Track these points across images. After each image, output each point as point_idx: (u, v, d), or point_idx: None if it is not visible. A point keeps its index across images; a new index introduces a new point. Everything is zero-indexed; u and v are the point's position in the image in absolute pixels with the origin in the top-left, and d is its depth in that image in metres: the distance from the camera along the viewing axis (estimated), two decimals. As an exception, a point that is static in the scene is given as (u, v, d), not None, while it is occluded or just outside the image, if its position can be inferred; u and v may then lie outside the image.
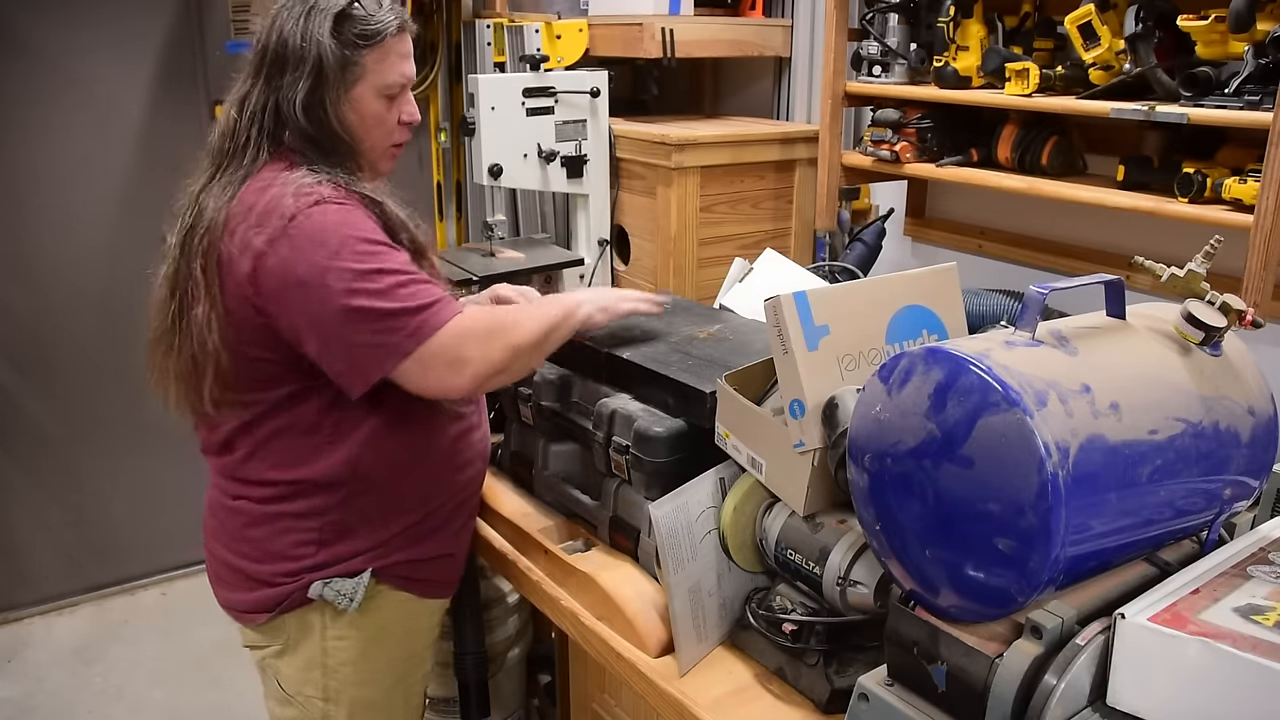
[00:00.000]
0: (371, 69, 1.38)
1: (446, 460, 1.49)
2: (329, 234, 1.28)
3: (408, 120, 1.46)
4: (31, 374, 2.97)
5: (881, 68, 2.13)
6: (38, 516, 3.05)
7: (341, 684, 1.46)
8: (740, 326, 1.62)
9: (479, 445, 1.56)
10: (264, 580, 1.42)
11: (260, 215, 1.29)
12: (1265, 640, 0.78)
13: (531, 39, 2.61)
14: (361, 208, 1.34)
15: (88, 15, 2.81)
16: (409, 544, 1.46)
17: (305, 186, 1.31)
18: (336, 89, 1.36)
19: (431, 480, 1.48)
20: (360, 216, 1.32)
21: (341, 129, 1.37)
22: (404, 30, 1.41)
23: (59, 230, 2.89)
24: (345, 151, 1.39)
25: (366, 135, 1.41)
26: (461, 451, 1.51)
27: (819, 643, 1.16)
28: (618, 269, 2.59)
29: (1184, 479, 0.93)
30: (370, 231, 1.32)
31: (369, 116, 1.40)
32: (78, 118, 2.85)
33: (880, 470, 0.95)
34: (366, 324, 1.27)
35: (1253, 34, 1.50)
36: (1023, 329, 0.93)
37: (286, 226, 1.27)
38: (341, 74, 1.35)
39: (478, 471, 1.57)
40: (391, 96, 1.41)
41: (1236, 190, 1.55)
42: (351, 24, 1.35)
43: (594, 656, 1.37)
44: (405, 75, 1.42)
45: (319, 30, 1.33)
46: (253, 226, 1.29)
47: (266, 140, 1.36)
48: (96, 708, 2.69)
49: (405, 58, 1.42)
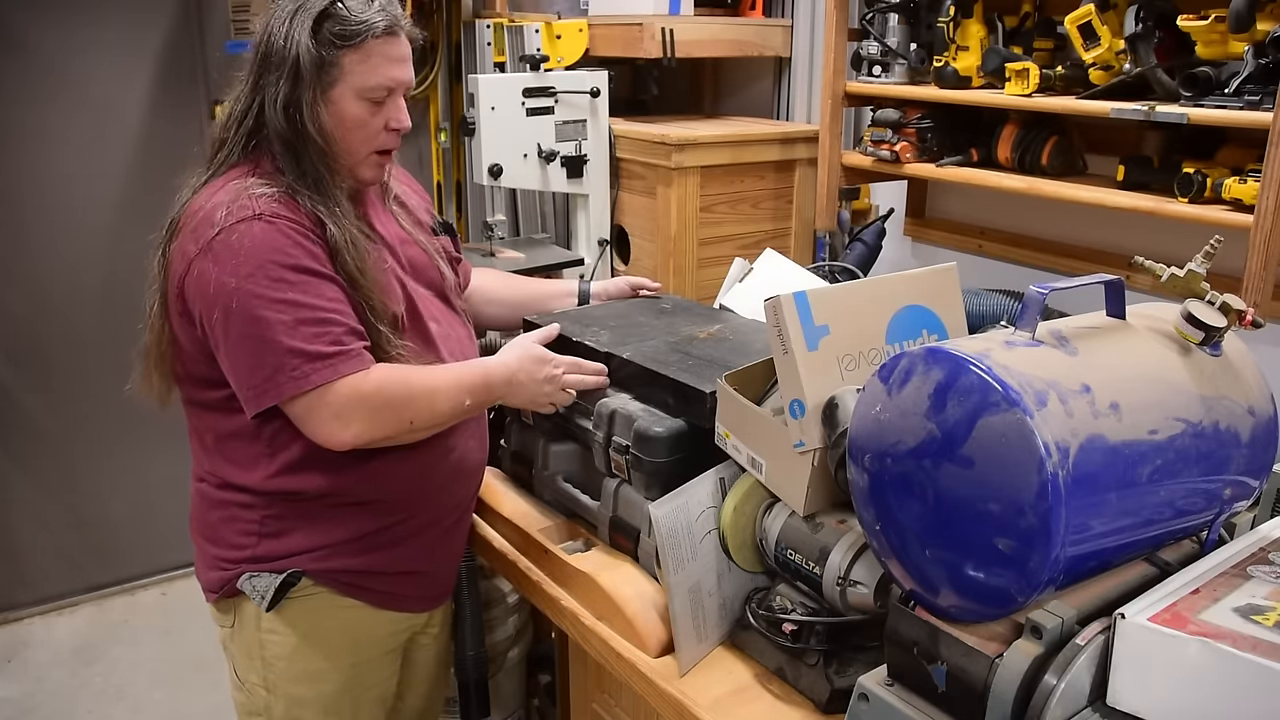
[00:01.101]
0: (351, 70, 1.32)
1: (409, 479, 1.43)
2: (249, 254, 1.25)
3: (395, 127, 1.39)
4: (31, 374, 2.97)
5: (881, 68, 2.13)
6: (37, 516, 3.05)
7: (278, 678, 1.45)
8: (740, 326, 1.62)
9: (459, 465, 1.49)
10: (213, 561, 1.43)
11: (199, 222, 1.28)
12: (1265, 640, 0.78)
13: (531, 39, 2.61)
14: (297, 229, 1.29)
15: (87, 15, 2.80)
16: (360, 553, 1.43)
17: (245, 197, 1.28)
18: (313, 90, 1.31)
19: (389, 496, 1.43)
20: (289, 239, 1.27)
21: (317, 132, 1.32)
22: (393, 33, 1.35)
23: (58, 229, 2.89)
24: (319, 156, 1.32)
25: (344, 139, 1.35)
26: (431, 474, 1.45)
27: (819, 643, 1.16)
28: (618, 269, 2.59)
29: (1184, 479, 0.93)
30: (295, 257, 1.27)
31: (348, 120, 1.34)
32: (77, 117, 2.85)
33: (880, 470, 0.95)
34: (260, 353, 1.26)
35: (1253, 34, 1.50)
36: (1023, 329, 0.93)
37: (213, 239, 1.26)
38: (318, 75, 1.31)
39: (456, 494, 1.52)
40: (377, 101, 1.35)
41: (1236, 190, 1.55)
42: (332, 23, 1.31)
43: (594, 656, 1.37)
44: (393, 79, 1.36)
45: (299, 30, 1.30)
46: (191, 232, 1.29)
47: (245, 141, 1.34)
48: (96, 708, 2.69)
49: (394, 61, 1.36)
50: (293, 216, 1.29)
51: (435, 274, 1.54)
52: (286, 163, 1.32)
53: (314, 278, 1.28)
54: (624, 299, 1.81)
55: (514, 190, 2.90)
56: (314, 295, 1.27)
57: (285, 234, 1.27)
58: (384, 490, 1.42)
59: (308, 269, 1.28)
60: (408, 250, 1.49)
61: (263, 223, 1.26)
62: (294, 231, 1.28)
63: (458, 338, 1.54)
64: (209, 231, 1.26)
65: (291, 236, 1.28)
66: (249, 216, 1.26)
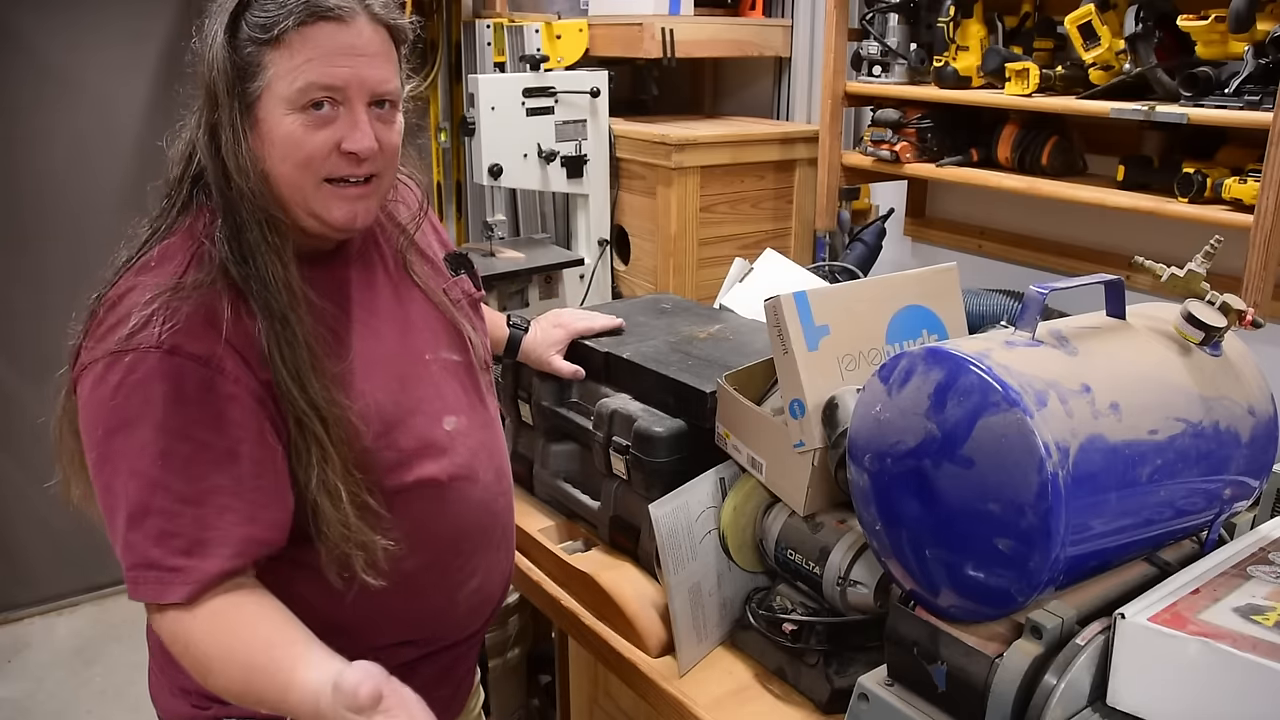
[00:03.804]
0: (278, 74, 0.96)
1: (417, 619, 1.14)
2: (124, 401, 0.94)
3: (350, 149, 0.99)
4: (31, 373, 2.97)
5: (881, 68, 2.13)
6: (38, 516, 3.05)
7: None
8: (740, 326, 1.62)
9: (480, 594, 1.20)
10: (176, 690, 1.13)
11: (106, 328, 0.97)
12: (1265, 640, 0.78)
13: (531, 39, 2.61)
14: (201, 369, 0.95)
15: (88, 15, 2.80)
16: None
17: (159, 308, 0.95)
18: (233, 108, 0.96)
19: (390, 640, 1.14)
20: (181, 390, 0.94)
21: (240, 167, 0.96)
22: (336, 16, 0.96)
23: (59, 229, 2.89)
24: (253, 199, 0.97)
25: (279, 170, 0.98)
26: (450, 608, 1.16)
27: (819, 643, 1.16)
28: (618, 269, 2.59)
29: (1184, 479, 0.93)
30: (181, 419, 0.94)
31: (279, 141, 0.97)
32: (77, 117, 2.85)
33: (880, 470, 0.95)
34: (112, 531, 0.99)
35: (1253, 34, 1.50)
36: (1023, 329, 0.93)
37: (94, 363, 0.96)
38: (239, 86, 0.96)
39: (472, 625, 1.22)
40: (317, 110, 0.97)
41: (1236, 190, 1.55)
42: (252, 12, 0.96)
43: (594, 656, 1.37)
44: (331, 78, 0.97)
45: (217, 27, 0.96)
46: (96, 332, 0.99)
47: (191, 188, 1.04)
48: (96, 708, 2.68)
49: (336, 54, 0.97)
50: (199, 352, 0.95)
51: (459, 341, 1.19)
52: (224, 215, 0.98)
53: (198, 451, 0.94)
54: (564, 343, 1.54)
55: (514, 190, 2.90)
56: (184, 478, 0.94)
57: (180, 381, 0.94)
58: (386, 634, 1.13)
59: (195, 439, 0.95)
60: (423, 316, 1.16)
61: (156, 358, 0.94)
62: (193, 377, 0.95)
63: (480, 443, 1.17)
64: (105, 345, 0.96)
65: (185, 388, 0.94)
66: (148, 346, 0.94)
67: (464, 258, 1.28)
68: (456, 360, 1.18)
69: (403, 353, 1.12)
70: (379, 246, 1.15)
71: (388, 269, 1.15)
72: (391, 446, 1.06)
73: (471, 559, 1.17)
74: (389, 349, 1.10)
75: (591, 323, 1.55)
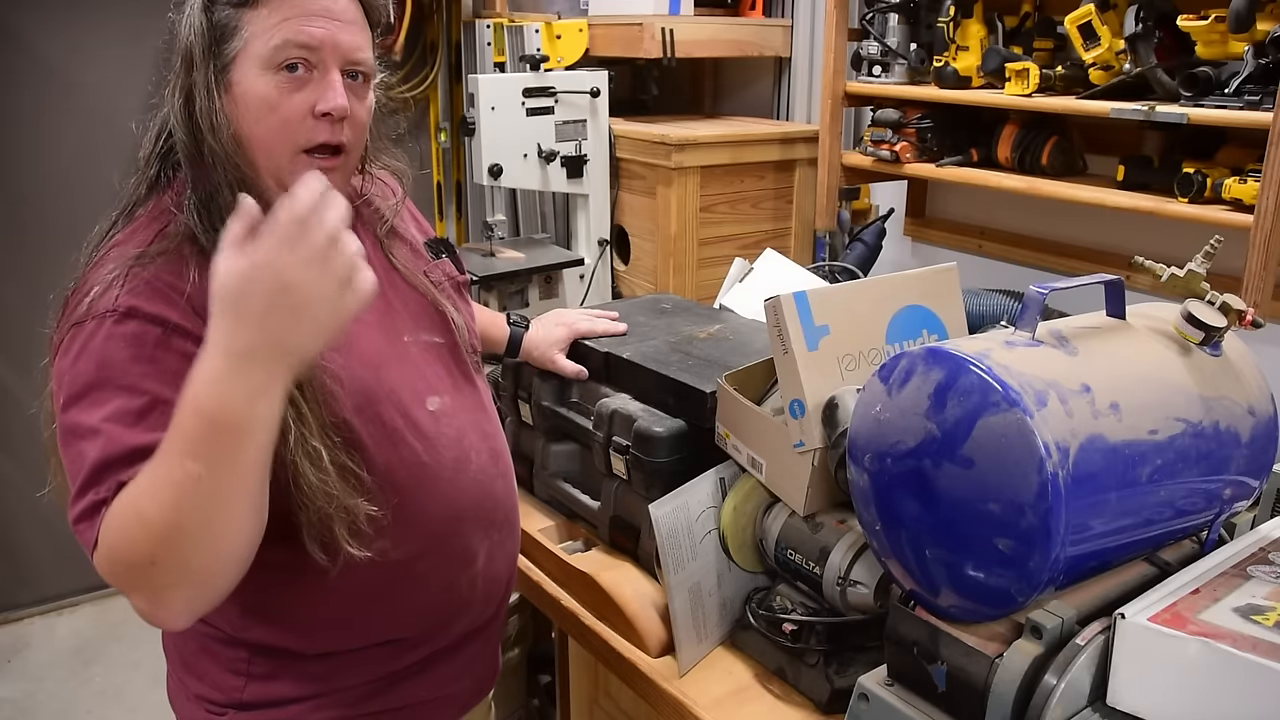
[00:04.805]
0: (254, 35, 0.97)
1: (422, 609, 1.14)
2: (83, 367, 0.94)
3: (325, 109, 0.99)
4: (32, 373, 2.97)
5: (881, 68, 2.13)
6: (38, 516, 3.05)
7: None
8: (740, 326, 1.62)
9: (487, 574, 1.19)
10: (195, 699, 1.14)
11: (74, 302, 0.99)
12: (1265, 640, 0.78)
13: (531, 39, 2.61)
14: (156, 330, 0.94)
15: (88, 15, 2.80)
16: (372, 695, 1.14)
17: (121, 274, 0.96)
18: (207, 69, 0.97)
19: (398, 635, 1.14)
20: (132, 350, 0.93)
21: (214, 128, 0.97)
22: None
23: (59, 229, 2.88)
24: (224, 165, 0.98)
25: (253, 132, 0.99)
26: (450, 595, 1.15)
27: (819, 643, 1.16)
28: (618, 269, 2.59)
29: (1184, 479, 0.93)
30: (131, 377, 0.92)
31: (253, 102, 0.98)
32: (77, 117, 2.85)
33: (880, 470, 0.95)
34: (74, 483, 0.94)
35: (1253, 34, 1.50)
36: (1023, 329, 0.93)
37: (60, 342, 0.99)
38: (215, 48, 0.97)
39: (485, 612, 1.22)
40: (291, 72, 0.98)
41: (1236, 190, 1.55)
42: None
43: (594, 656, 1.37)
44: (308, 37, 0.98)
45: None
46: (71, 302, 1.00)
47: (160, 166, 1.05)
48: (96, 708, 2.68)
49: (311, 15, 0.98)
50: (155, 313, 0.94)
51: (441, 323, 1.18)
52: (194, 185, 0.99)
53: (154, 407, 0.91)
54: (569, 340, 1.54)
55: (514, 190, 2.91)
56: (144, 433, 0.90)
57: (137, 341, 0.93)
58: (384, 630, 1.13)
59: (151, 394, 0.92)
60: (402, 299, 1.16)
61: (112, 320, 0.93)
62: (151, 336, 0.94)
63: (468, 424, 1.16)
64: (69, 321, 0.97)
65: (142, 348, 0.93)
66: (105, 310, 0.94)
67: (445, 242, 1.28)
68: (439, 342, 1.17)
69: (380, 333, 1.11)
70: (356, 231, 1.09)
71: (366, 253, 1.11)
72: (374, 420, 1.05)
73: (470, 542, 1.16)
74: (366, 329, 1.08)
75: (595, 325, 1.54)
